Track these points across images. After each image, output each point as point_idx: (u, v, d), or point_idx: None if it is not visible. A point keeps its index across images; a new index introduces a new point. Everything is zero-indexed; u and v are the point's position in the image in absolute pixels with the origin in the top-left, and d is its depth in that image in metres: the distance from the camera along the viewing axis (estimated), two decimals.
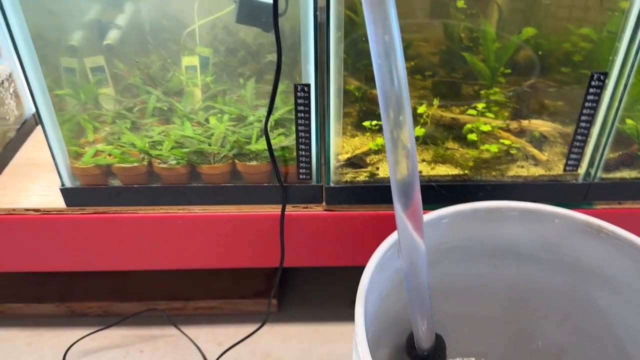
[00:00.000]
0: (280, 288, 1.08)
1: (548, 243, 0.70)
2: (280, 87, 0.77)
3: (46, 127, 0.78)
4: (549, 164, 0.82)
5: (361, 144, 0.86)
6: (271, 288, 1.04)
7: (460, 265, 0.73)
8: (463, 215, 0.68)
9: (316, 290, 1.09)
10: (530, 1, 0.90)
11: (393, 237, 0.64)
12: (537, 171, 0.82)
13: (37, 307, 1.02)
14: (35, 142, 0.98)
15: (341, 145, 0.83)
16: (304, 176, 0.83)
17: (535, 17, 0.90)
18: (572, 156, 0.80)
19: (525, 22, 0.90)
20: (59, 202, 0.84)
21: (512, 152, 0.82)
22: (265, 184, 0.84)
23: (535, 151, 0.83)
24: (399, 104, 0.46)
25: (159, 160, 0.81)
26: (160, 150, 0.81)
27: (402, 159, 0.47)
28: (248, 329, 0.96)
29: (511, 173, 0.81)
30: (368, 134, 0.85)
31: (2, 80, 0.94)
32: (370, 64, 0.91)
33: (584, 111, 0.77)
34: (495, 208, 0.69)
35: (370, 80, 0.91)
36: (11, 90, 0.96)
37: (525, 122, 0.82)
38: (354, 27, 0.79)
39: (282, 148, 0.82)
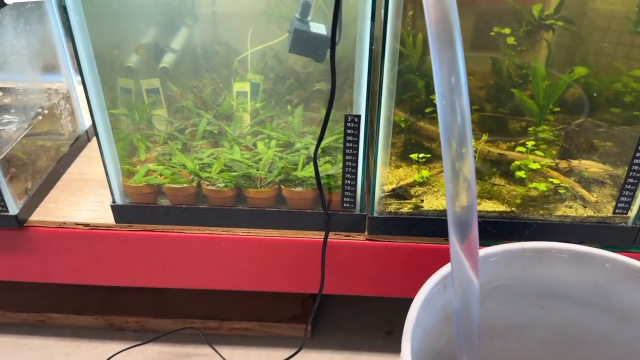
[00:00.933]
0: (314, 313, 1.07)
1: (597, 287, 0.69)
2: None
3: (102, 145, 0.80)
4: (597, 205, 0.81)
5: (405, 175, 0.86)
6: (306, 313, 1.04)
7: (506, 305, 0.72)
8: (511, 255, 0.67)
9: (350, 318, 1.09)
10: (580, 40, 0.90)
11: (441, 272, 0.64)
12: (585, 212, 0.81)
13: (76, 319, 1.04)
14: (86, 158, 1.02)
15: (386, 176, 0.83)
16: (348, 205, 0.83)
17: (584, 56, 0.90)
18: (623, 199, 0.79)
19: (574, 60, 0.90)
20: (108, 218, 0.86)
21: (560, 191, 0.82)
22: (309, 211, 0.84)
23: (584, 192, 0.82)
24: (462, 137, 0.46)
25: (208, 182, 0.83)
26: (210, 172, 0.83)
27: (462, 192, 0.47)
28: (281, 353, 0.96)
29: (559, 213, 0.80)
30: (414, 165, 0.86)
31: (60, 98, 0.98)
32: (416, 96, 0.92)
33: (637, 154, 0.76)
34: (544, 249, 0.68)
35: (415, 111, 0.92)
36: (67, 106, 1.00)
37: (575, 162, 0.82)
38: (400, 58, 0.80)
39: (328, 176, 0.83)
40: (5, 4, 0.79)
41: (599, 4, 0.89)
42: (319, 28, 0.77)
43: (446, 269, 0.64)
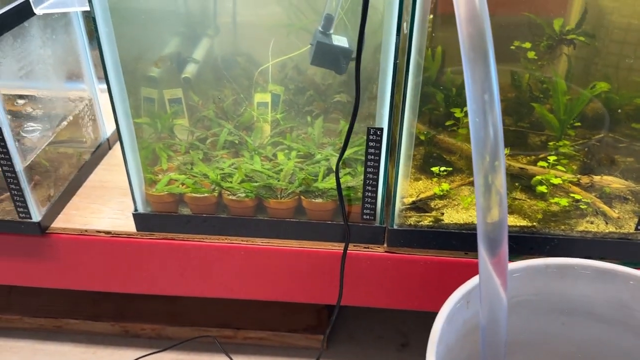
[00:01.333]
0: (328, 323, 1.07)
1: (621, 305, 0.68)
2: (346, 128, 0.78)
3: (126, 153, 0.81)
4: (619, 221, 0.81)
5: (425, 187, 0.86)
6: (321, 323, 1.04)
7: (527, 321, 0.71)
8: (535, 270, 0.67)
9: (365, 329, 1.09)
10: (601, 55, 0.90)
11: (464, 287, 0.63)
12: (607, 228, 0.80)
13: (92, 325, 1.05)
14: (108, 166, 1.02)
15: (407, 188, 0.83)
16: (367, 217, 0.84)
17: (605, 70, 0.90)
18: None
19: (595, 75, 0.90)
20: (129, 226, 0.87)
21: (582, 207, 0.81)
22: (329, 222, 0.85)
23: (605, 207, 0.81)
24: (494, 150, 0.46)
25: (229, 192, 0.84)
26: (231, 182, 0.83)
27: (494, 205, 0.47)
28: None
29: (580, 228, 0.80)
30: (435, 179, 0.86)
31: (83, 106, 0.99)
32: (435, 108, 0.92)
33: None
34: (567, 265, 0.68)
35: (435, 124, 0.92)
36: (90, 114, 1.01)
37: (597, 178, 0.81)
38: (419, 70, 0.80)
39: (348, 188, 0.83)
40: (34, 14, 0.80)
41: (619, 17, 0.89)
42: (341, 41, 0.77)
43: (469, 284, 0.64)
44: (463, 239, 0.81)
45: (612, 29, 0.89)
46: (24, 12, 0.80)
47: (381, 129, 0.76)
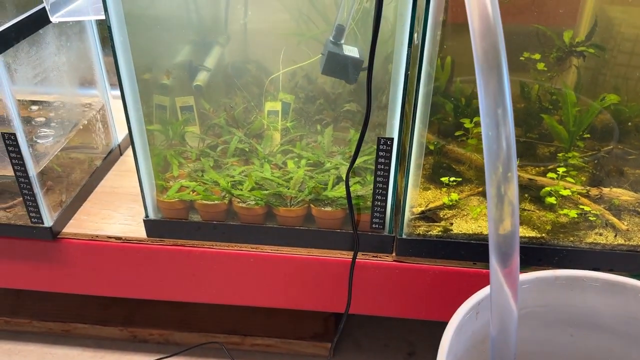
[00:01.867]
0: (335, 331, 1.07)
1: (629, 317, 0.69)
2: (356, 137, 0.79)
3: (138, 160, 0.82)
4: (628, 233, 0.81)
5: (434, 197, 0.87)
6: (327, 331, 1.04)
7: (535, 332, 0.71)
8: (544, 282, 0.67)
9: (371, 337, 1.09)
10: (607, 66, 0.90)
11: (474, 299, 0.64)
12: (616, 240, 0.80)
13: (101, 330, 1.05)
14: (119, 172, 1.03)
15: (416, 198, 0.84)
16: (376, 226, 0.84)
17: (615, 82, 0.90)
18: None
19: (604, 87, 0.90)
20: (139, 232, 0.87)
21: (590, 218, 0.81)
22: (337, 230, 0.85)
23: (614, 219, 0.81)
24: (507, 161, 0.46)
25: (239, 200, 0.84)
26: (241, 190, 0.84)
27: (507, 216, 0.47)
28: None
29: (589, 240, 0.80)
30: (444, 189, 0.86)
31: (96, 112, 1.00)
32: (444, 118, 0.92)
33: None
34: (577, 277, 0.68)
35: (444, 134, 0.93)
36: (102, 121, 1.02)
37: (606, 190, 0.82)
38: (430, 80, 0.81)
39: (357, 196, 0.83)
40: (49, 22, 0.81)
41: (629, 29, 0.89)
42: (352, 51, 0.78)
43: (479, 295, 0.64)
44: (472, 249, 0.82)
45: (621, 40, 0.90)
46: (39, 20, 0.82)
47: (391, 139, 0.77)
